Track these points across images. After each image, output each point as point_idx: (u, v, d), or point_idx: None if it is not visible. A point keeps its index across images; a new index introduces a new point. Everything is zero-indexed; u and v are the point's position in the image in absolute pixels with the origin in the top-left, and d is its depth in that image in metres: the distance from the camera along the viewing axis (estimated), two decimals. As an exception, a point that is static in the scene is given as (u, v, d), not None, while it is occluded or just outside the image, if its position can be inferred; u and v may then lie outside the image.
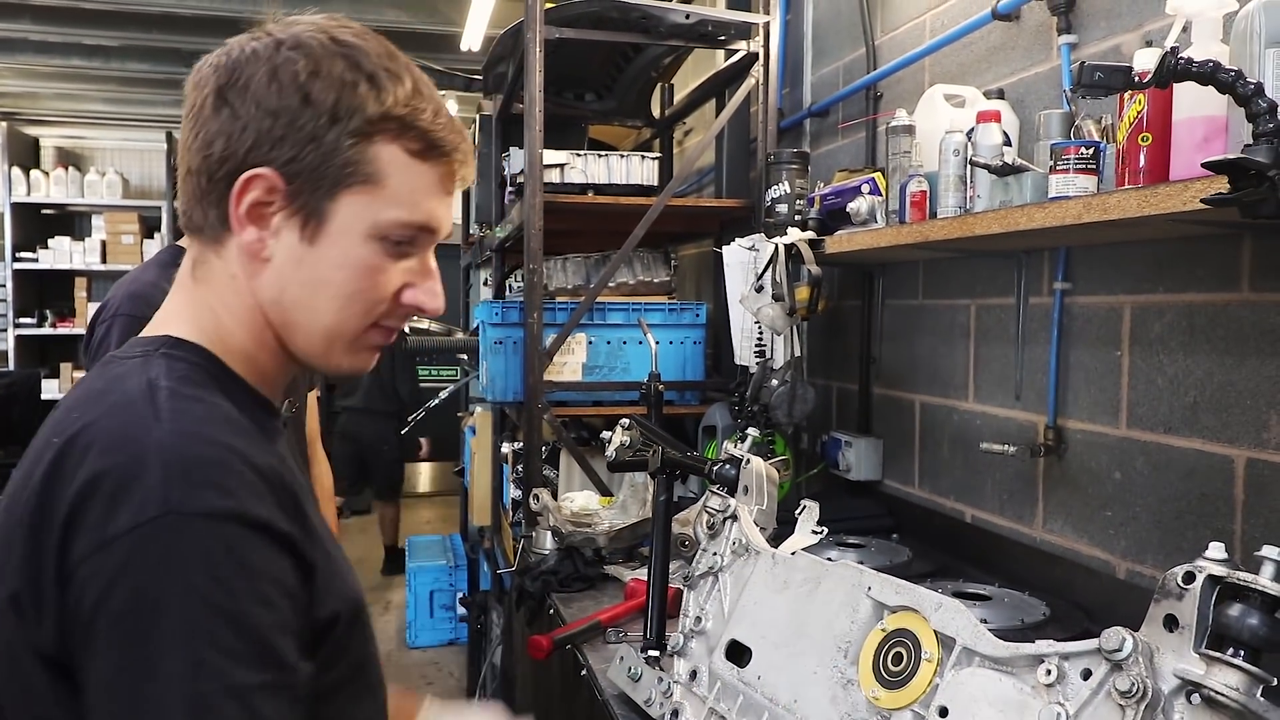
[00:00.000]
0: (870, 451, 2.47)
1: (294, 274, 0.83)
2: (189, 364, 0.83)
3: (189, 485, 0.70)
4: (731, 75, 2.93)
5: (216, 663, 0.67)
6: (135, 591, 0.67)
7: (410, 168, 0.84)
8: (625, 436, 1.72)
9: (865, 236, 2.03)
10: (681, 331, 2.80)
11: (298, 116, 0.80)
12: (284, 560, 0.74)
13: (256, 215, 0.82)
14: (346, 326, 0.86)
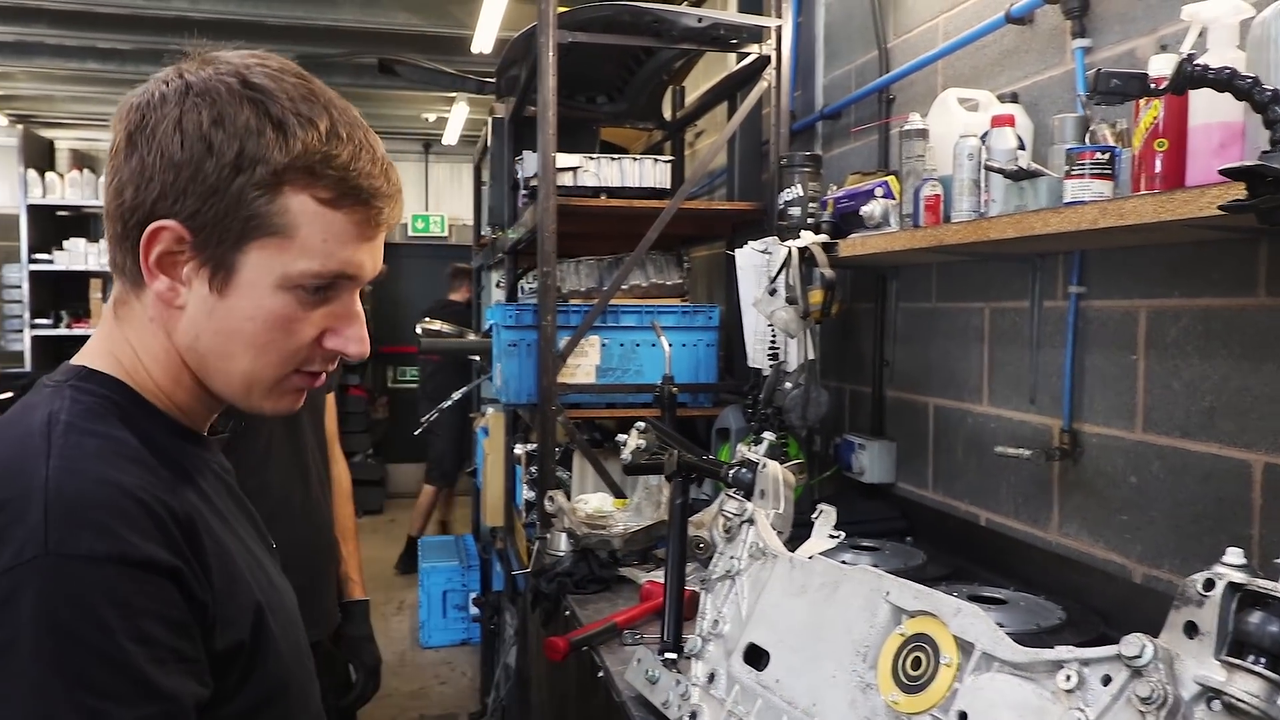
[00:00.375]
0: (883, 454, 2.47)
1: (206, 323, 0.83)
2: (96, 397, 0.83)
3: (68, 527, 0.71)
4: (743, 78, 2.94)
5: (87, 701, 0.68)
6: (8, 632, 0.69)
7: (321, 216, 0.82)
8: (641, 440, 1.73)
9: (879, 240, 2.04)
10: (694, 334, 2.80)
11: (200, 168, 0.79)
12: (170, 593, 0.74)
13: (167, 264, 0.82)
14: (263, 375, 0.86)
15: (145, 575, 0.73)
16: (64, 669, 0.68)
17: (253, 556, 0.90)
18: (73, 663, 0.68)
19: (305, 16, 4.78)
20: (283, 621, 0.89)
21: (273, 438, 1.79)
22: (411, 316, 6.83)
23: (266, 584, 0.89)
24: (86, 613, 0.69)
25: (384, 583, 6.03)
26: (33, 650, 0.68)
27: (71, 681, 0.68)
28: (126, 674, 0.70)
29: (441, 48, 5.17)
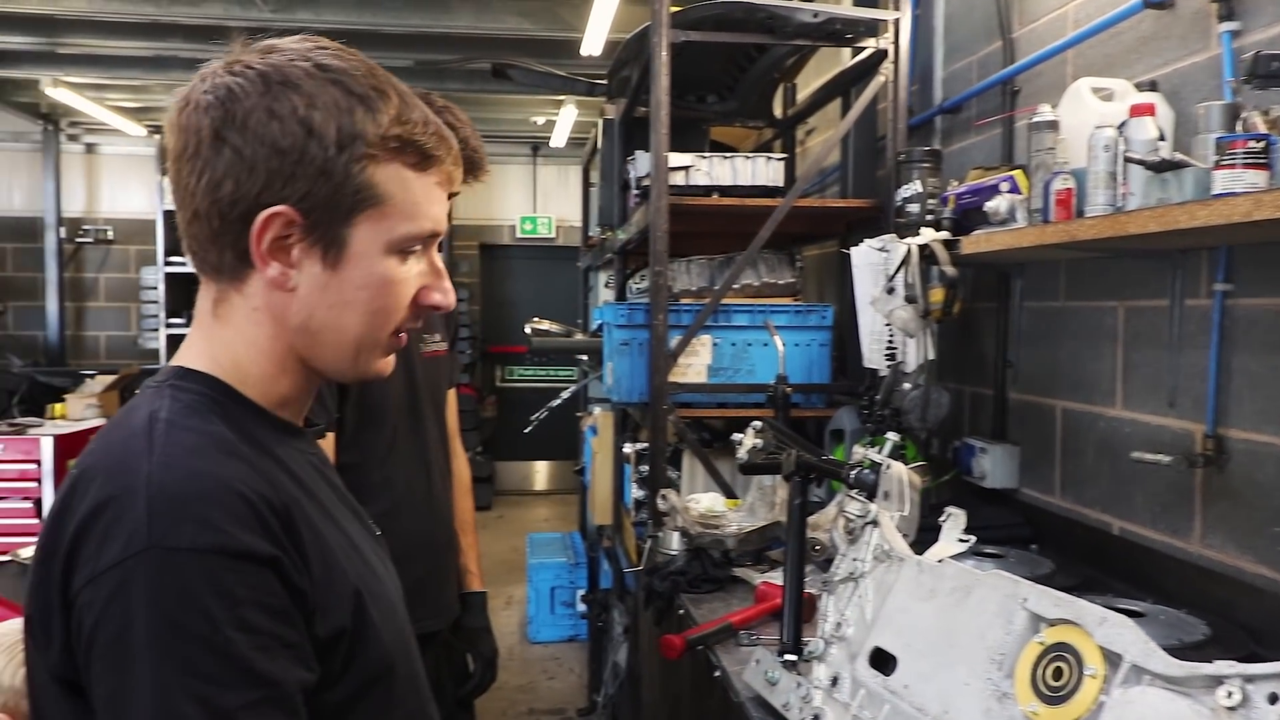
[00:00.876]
0: (1006, 458, 2.39)
1: (320, 299, 0.86)
2: (194, 394, 0.85)
3: (171, 520, 0.74)
4: (858, 73, 2.88)
5: (196, 687, 0.71)
6: (120, 622, 0.72)
7: (411, 181, 0.87)
8: (758, 439, 1.72)
9: (1006, 236, 1.97)
10: (807, 334, 2.77)
11: (305, 151, 0.82)
12: (271, 583, 0.76)
13: (277, 250, 0.84)
14: (373, 338, 0.89)
15: (245, 565, 0.75)
16: (173, 657, 0.71)
17: (351, 545, 0.91)
18: (180, 651, 0.71)
19: (421, 24, 4.92)
20: (384, 609, 0.91)
21: (397, 432, 1.84)
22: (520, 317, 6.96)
23: (366, 572, 0.91)
24: (192, 603, 0.72)
25: (492, 577, 6.14)
26: (144, 640, 0.71)
27: (180, 669, 0.71)
28: (231, 661, 0.72)
29: (551, 51, 5.24)
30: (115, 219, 7.92)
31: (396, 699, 0.91)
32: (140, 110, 7.22)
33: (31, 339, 7.64)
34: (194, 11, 4.82)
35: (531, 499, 8.77)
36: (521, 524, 7.53)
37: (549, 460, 8.86)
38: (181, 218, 0.87)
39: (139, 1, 4.77)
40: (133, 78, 6.07)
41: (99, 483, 0.77)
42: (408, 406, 1.87)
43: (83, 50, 5.62)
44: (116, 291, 7.95)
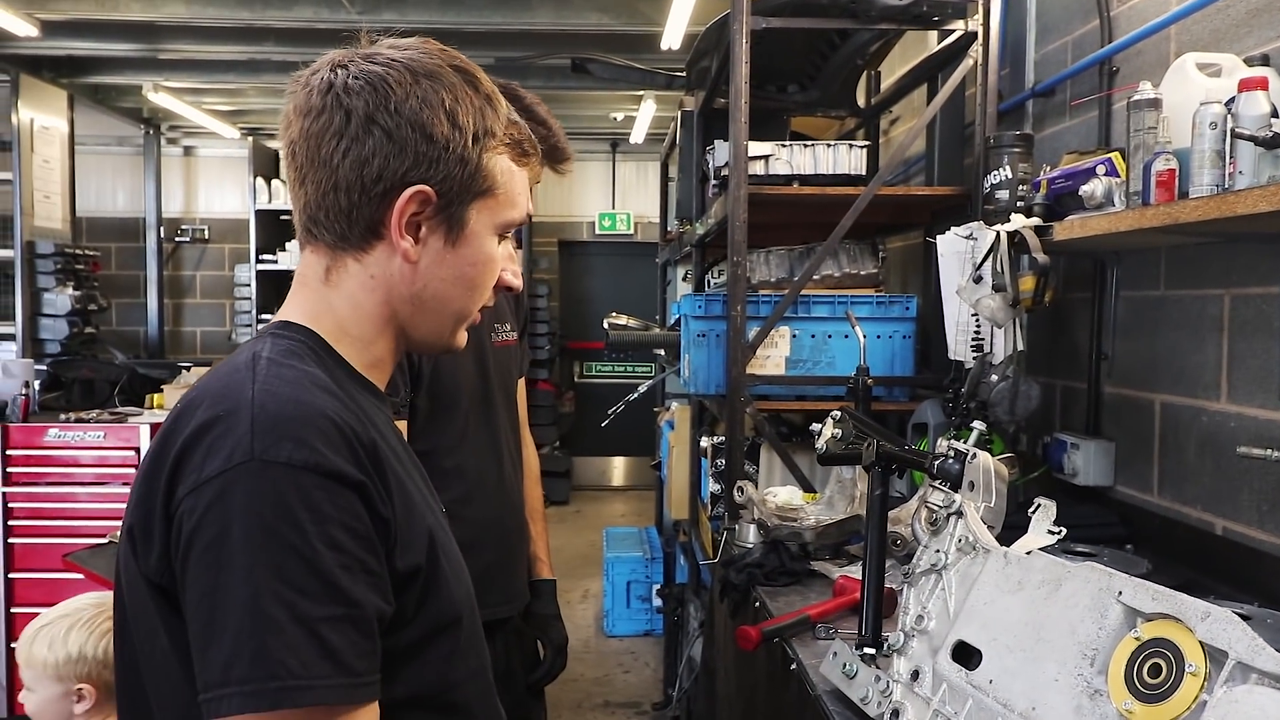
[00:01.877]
0: (1100, 455, 2.29)
1: (436, 272, 0.95)
2: (293, 341, 0.92)
3: (272, 436, 0.79)
4: (945, 58, 2.80)
5: (284, 593, 0.76)
6: (219, 526, 0.77)
7: (513, 173, 0.98)
8: (837, 429, 1.67)
9: (1102, 221, 1.88)
10: (890, 325, 2.70)
11: (451, 141, 0.91)
12: (357, 506, 0.81)
13: (410, 225, 0.92)
14: (469, 311, 1.00)
15: (335, 485, 0.79)
16: (266, 562, 0.76)
17: (426, 501, 0.96)
18: (273, 557, 0.76)
19: (503, 22, 4.97)
20: (454, 563, 0.96)
21: (469, 420, 1.85)
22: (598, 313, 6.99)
23: (438, 526, 0.95)
24: (285, 512, 0.77)
25: (569, 571, 6.19)
26: (241, 542, 0.76)
27: (272, 574, 0.76)
28: (317, 573, 0.77)
29: (631, 46, 5.24)
30: (211, 219, 8.23)
31: (462, 652, 0.95)
32: (235, 113, 7.48)
33: (134, 334, 7.99)
34: (285, 15, 4.95)
35: (609, 494, 8.80)
36: (599, 519, 7.56)
37: (626, 456, 8.88)
38: (312, 190, 0.92)
39: (234, 6, 4.93)
40: (228, 81, 6.28)
41: (205, 406, 0.83)
42: (480, 395, 1.88)
43: (181, 56, 5.84)
44: (211, 288, 8.26)
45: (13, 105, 5.67)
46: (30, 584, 3.53)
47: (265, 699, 0.74)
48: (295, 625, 0.75)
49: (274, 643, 0.75)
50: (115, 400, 3.88)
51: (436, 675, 0.92)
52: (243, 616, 0.75)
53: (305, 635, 0.75)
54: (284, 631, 0.75)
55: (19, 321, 5.67)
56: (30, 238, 5.73)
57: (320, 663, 0.76)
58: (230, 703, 0.75)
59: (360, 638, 0.79)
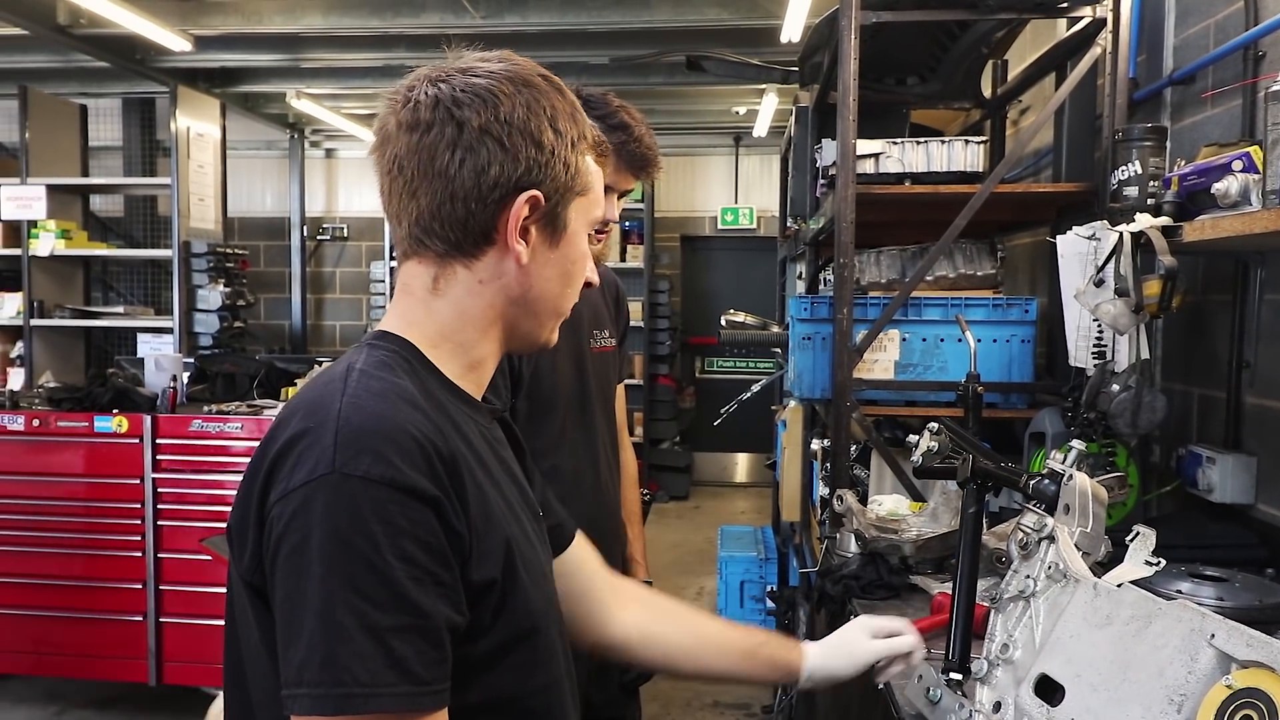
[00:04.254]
0: (1240, 470, 2.12)
1: (541, 272, 0.99)
2: (387, 352, 0.95)
3: (352, 450, 0.82)
4: (1075, 45, 2.65)
5: (354, 602, 0.79)
6: (301, 534, 0.81)
7: (598, 173, 1.04)
8: (933, 442, 1.61)
9: (1234, 221, 1.74)
10: (1007, 329, 2.58)
11: (555, 146, 0.96)
12: (430, 521, 0.83)
13: (523, 229, 0.96)
14: (566, 306, 1.05)
15: (410, 500, 0.82)
16: (339, 571, 0.79)
17: (509, 508, 0.97)
18: (346, 567, 0.79)
19: (622, 21, 5.01)
20: (534, 573, 0.97)
21: (566, 423, 1.89)
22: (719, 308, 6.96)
23: (520, 536, 0.96)
24: (360, 524, 0.80)
25: (685, 567, 6.21)
26: (319, 550, 0.80)
27: (344, 583, 0.79)
28: (387, 584, 0.80)
29: (751, 40, 5.19)
30: (349, 218, 8.64)
31: (540, 661, 0.97)
32: (371, 116, 7.81)
33: (279, 328, 8.48)
34: (415, 22, 5.14)
35: (730, 491, 8.76)
36: (718, 515, 7.54)
37: (748, 452, 8.82)
38: (425, 201, 0.95)
39: (367, 15, 5.15)
40: (364, 87, 6.57)
41: (299, 417, 0.87)
42: (577, 398, 1.91)
43: (321, 64, 6.15)
44: (350, 284, 8.67)
45: (171, 114, 6.10)
46: (176, 563, 3.80)
47: (330, 704, 0.78)
48: (363, 634, 0.78)
49: (342, 650, 0.78)
50: (254, 393, 4.12)
51: (512, 684, 0.94)
52: (315, 622, 0.79)
53: (373, 644, 0.79)
54: (352, 640, 0.78)
55: (176, 316, 6.10)
56: (186, 238, 6.15)
57: (386, 671, 0.79)
58: (301, 703, 0.79)
59: (428, 647, 0.81)
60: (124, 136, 7.26)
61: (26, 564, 3.89)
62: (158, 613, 3.81)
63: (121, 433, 3.76)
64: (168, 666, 3.84)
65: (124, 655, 3.85)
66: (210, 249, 6.22)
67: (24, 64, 6.08)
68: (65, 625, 3.88)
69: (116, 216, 7.59)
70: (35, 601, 3.89)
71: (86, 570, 3.85)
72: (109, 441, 3.77)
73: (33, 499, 3.87)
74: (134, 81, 6.37)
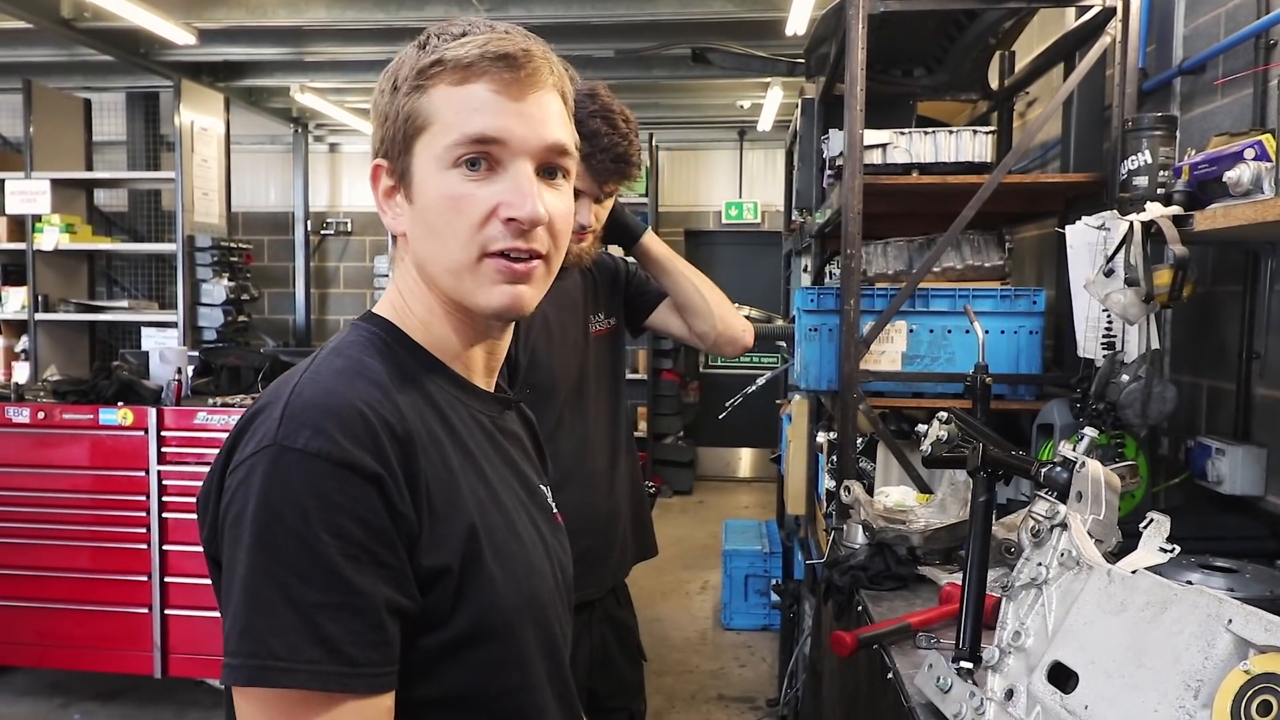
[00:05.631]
0: (1249, 462, 2.11)
1: (416, 232, 0.93)
2: (366, 332, 0.95)
3: (295, 424, 0.81)
4: (1084, 35, 2.63)
5: (279, 575, 0.77)
6: (241, 505, 0.80)
7: (452, 95, 0.88)
8: (942, 431, 1.60)
9: (1247, 210, 1.72)
10: (1015, 320, 2.56)
11: (388, 107, 0.92)
12: (371, 498, 0.80)
13: (388, 199, 0.95)
14: (466, 256, 0.90)
15: (348, 476, 0.79)
16: (267, 544, 0.78)
17: (493, 499, 0.93)
18: (274, 540, 0.78)
19: (627, 14, 4.99)
20: (511, 568, 0.91)
21: (565, 408, 1.91)
22: (724, 303, 6.95)
23: (502, 528, 0.92)
24: (291, 497, 0.78)
25: (689, 562, 6.20)
26: (251, 521, 0.79)
27: (271, 556, 0.77)
28: (316, 560, 0.77)
29: (756, 33, 5.18)
30: (353, 212, 8.63)
31: (511, 661, 0.91)
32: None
33: (284, 322, 8.48)
34: (419, 15, 5.13)
35: (734, 485, 8.76)
36: (721, 510, 7.54)
37: (751, 447, 8.81)
38: None
39: (371, 9, 5.14)
40: (368, 81, 6.55)
41: (267, 393, 0.88)
42: (576, 383, 1.93)
43: (325, 57, 6.13)
44: (354, 279, 8.67)
45: (175, 109, 6.09)
46: (182, 556, 3.80)
47: (243, 674, 0.77)
48: (287, 607, 0.76)
49: (262, 622, 0.77)
50: (258, 386, 4.12)
51: (475, 681, 0.89)
52: (241, 593, 0.78)
53: (297, 619, 0.76)
54: (275, 612, 0.76)
55: (180, 310, 6.10)
56: (190, 232, 6.15)
57: (309, 647, 0.76)
58: (225, 673, 0.78)
59: (363, 627, 0.78)
60: (128, 131, 7.25)
61: (31, 556, 3.89)
62: (163, 605, 3.81)
63: (126, 425, 3.76)
64: (173, 659, 3.84)
65: (129, 648, 3.85)
66: (214, 243, 6.21)
67: (28, 58, 6.08)
68: (70, 617, 3.88)
69: (121, 211, 7.59)
70: (40, 594, 3.90)
71: (91, 563, 3.85)
72: (114, 434, 3.77)
73: (38, 491, 3.88)
74: (138, 75, 6.36)
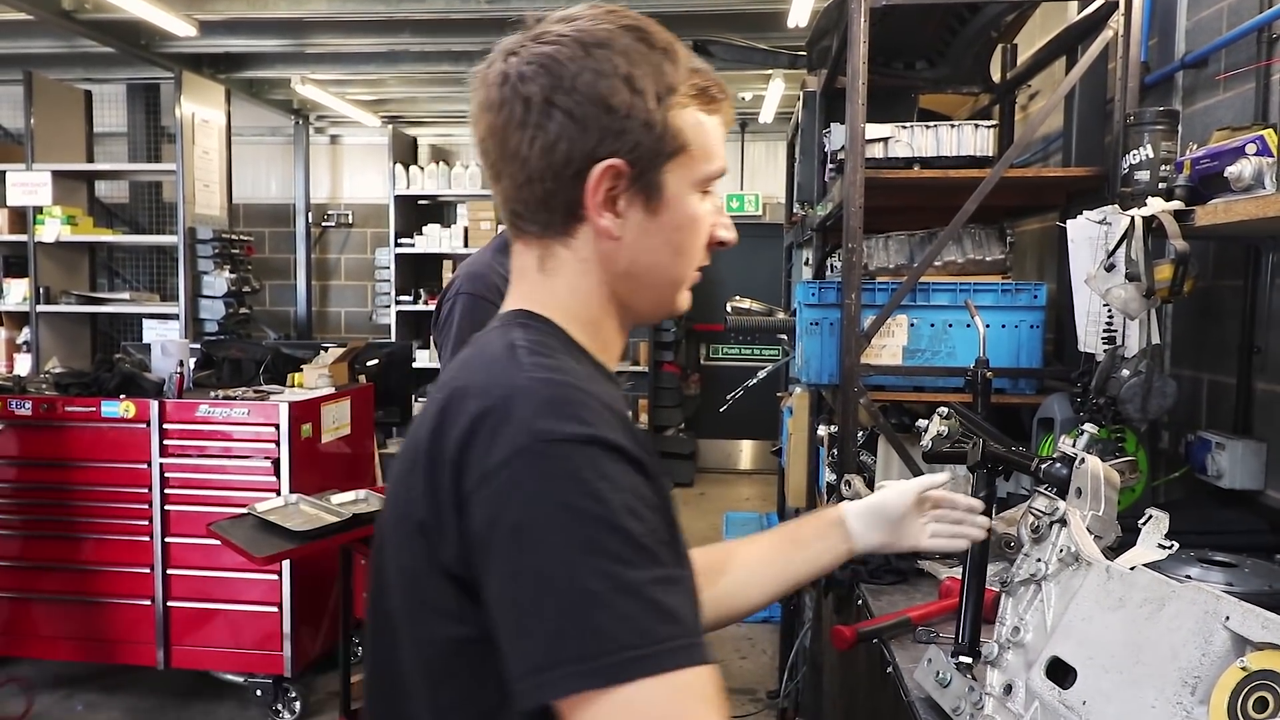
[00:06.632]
0: (1249, 456, 2.11)
1: (643, 244, 0.92)
2: (539, 330, 0.91)
3: (552, 416, 0.77)
4: (1086, 28, 2.62)
5: (601, 565, 0.72)
6: (518, 512, 0.74)
7: (703, 124, 0.93)
8: (943, 426, 1.61)
9: (1248, 205, 1.72)
10: (1016, 314, 2.57)
11: (631, 108, 0.88)
12: (640, 479, 0.78)
13: (608, 202, 0.90)
14: (685, 275, 0.96)
15: (621, 458, 0.77)
16: (576, 536, 0.72)
17: None
18: (582, 530, 0.73)
19: (630, 5, 4.96)
20: None
21: None
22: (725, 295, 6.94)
23: None
24: (582, 486, 0.74)
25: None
26: (544, 524, 0.73)
27: (584, 547, 0.72)
28: (628, 540, 0.73)
29: (758, 24, 5.17)
30: (354, 204, 8.62)
31: None
32: (376, 102, 7.79)
33: (285, 314, 8.48)
34: (419, 6, 5.12)
35: (735, 477, 8.77)
36: (722, 502, 7.55)
37: (752, 439, 8.82)
38: (508, 185, 0.93)
39: (371, 1, 5.12)
40: (369, 72, 6.55)
41: (473, 398, 0.81)
42: None
43: (326, 49, 6.12)
44: (355, 271, 8.66)
45: (176, 100, 6.09)
46: (184, 548, 3.81)
47: (601, 676, 0.70)
48: (622, 595, 0.71)
49: (603, 617, 0.71)
50: (260, 379, 4.12)
51: None
52: (560, 598, 0.71)
53: (635, 602, 0.71)
54: (612, 605, 0.71)
55: (182, 302, 6.11)
56: (191, 224, 6.15)
57: (661, 626, 0.71)
58: (561, 685, 0.71)
59: (684, 598, 0.75)
60: (129, 122, 7.25)
61: (34, 549, 3.91)
62: (165, 597, 3.83)
63: (128, 418, 3.77)
64: (175, 650, 3.86)
65: (132, 639, 3.87)
66: (215, 235, 6.21)
67: (29, 49, 6.07)
68: (73, 609, 3.90)
69: (122, 202, 7.59)
70: (43, 586, 3.92)
71: (94, 555, 3.87)
72: (116, 426, 3.78)
73: (40, 484, 3.89)
74: (139, 67, 6.36)
